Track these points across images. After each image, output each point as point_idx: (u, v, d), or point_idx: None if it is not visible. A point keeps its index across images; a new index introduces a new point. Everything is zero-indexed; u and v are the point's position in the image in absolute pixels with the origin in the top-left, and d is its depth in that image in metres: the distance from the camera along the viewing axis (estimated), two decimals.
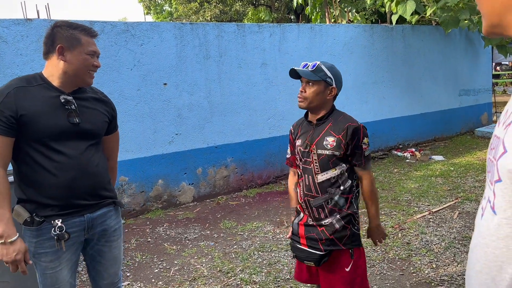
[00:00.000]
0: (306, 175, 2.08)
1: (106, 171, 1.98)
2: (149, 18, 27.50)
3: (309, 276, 2.21)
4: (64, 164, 1.80)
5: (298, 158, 2.13)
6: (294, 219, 2.20)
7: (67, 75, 1.82)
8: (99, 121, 1.94)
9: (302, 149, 2.10)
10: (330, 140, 2.02)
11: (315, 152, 2.04)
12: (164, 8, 27.99)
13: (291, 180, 2.29)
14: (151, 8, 26.87)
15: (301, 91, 2.06)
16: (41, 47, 4.58)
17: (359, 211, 2.16)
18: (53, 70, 1.83)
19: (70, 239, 1.84)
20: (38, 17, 4.74)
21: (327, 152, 2.01)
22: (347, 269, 2.05)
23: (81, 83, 1.88)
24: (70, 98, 1.84)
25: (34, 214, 1.79)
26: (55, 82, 1.83)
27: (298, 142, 2.13)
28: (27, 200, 1.82)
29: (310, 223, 2.10)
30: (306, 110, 2.15)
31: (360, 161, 2.04)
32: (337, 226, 2.03)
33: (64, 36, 1.80)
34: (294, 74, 2.06)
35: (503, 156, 0.83)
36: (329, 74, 2.05)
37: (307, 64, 2.06)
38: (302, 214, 2.16)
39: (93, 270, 2.04)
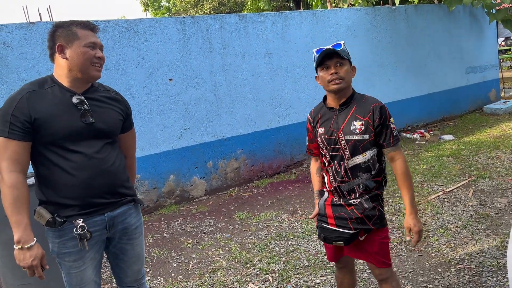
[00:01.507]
0: (335, 162, 2.03)
1: (123, 169, 1.98)
2: (147, 15, 27.40)
3: (340, 252, 2.17)
4: (80, 164, 1.80)
5: (323, 146, 2.07)
6: (319, 201, 2.15)
7: (73, 73, 1.81)
8: (113, 119, 1.94)
9: (327, 137, 2.03)
10: (357, 124, 1.96)
11: (343, 138, 1.98)
12: (162, 4, 27.87)
13: (313, 165, 2.25)
14: (149, 4, 26.77)
15: (336, 73, 1.95)
16: (46, 50, 4.58)
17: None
18: (60, 70, 1.83)
19: (92, 238, 1.85)
20: (41, 20, 4.74)
21: (356, 137, 1.95)
22: (374, 248, 2.03)
23: (88, 78, 1.85)
24: (82, 98, 1.83)
25: (55, 215, 1.80)
26: (65, 82, 1.83)
27: (321, 130, 2.07)
28: (48, 202, 1.83)
29: (337, 203, 2.06)
30: (324, 95, 2.11)
31: (389, 141, 1.97)
32: (366, 205, 1.99)
33: (62, 34, 1.80)
34: (321, 58, 1.97)
35: None
36: (349, 54, 2.03)
37: (322, 48, 1.98)
38: (326, 194, 2.12)
39: (116, 267, 2.06)
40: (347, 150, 1.98)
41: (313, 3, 9.25)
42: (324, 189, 2.15)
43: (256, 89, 5.82)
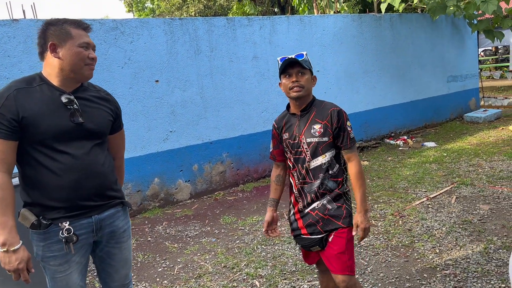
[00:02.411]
0: (299, 165, 2.14)
1: (112, 171, 1.93)
2: (131, 16, 27.13)
3: (316, 256, 2.29)
4: (68, 165, 1.75)
5: (288, 151, 2.19)
6: (289, 216, 2.25)
7: (64, 72, 1.76)
8: (103, 120, 1.89)
9: (291, 142, 2.15)
10: (317, 128, 2.08)
11: (305, 141, 2.10)
12: (146, 5, 27.65)
13: (274, 172, 2.34)
14: (133, 5, 26.54)
15: (296, 81, 2.07)
16: (29, 48, 4.46)
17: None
18: (50, 69, 1.77)
19: (79, 241, 1.80)
20: (25, 17, 4.62)
21: (316, 139, 2.08)
22: (341, 246, 2.10)
23: (80, 78, 1.81)
24: (71, 97, 1.78)
25: (40, 217, 1.75)
26: (55, 81, 1.78)
27: (285, 136, 2.19)
28: (33, 203, 1.77)
29: (305, 213, 2.15)
30: (287, 103, 2.23)
31: (346, 143, 2.09)
32: (329, 206, 2.10)
33: (55, 33, 1.75)
34: (284, 67, 2.09)
35: None
36: (311, 64, 2.17)
37: (285, 57, 2.09)
38: (292, 210, 2.23)
39: (103, 272, 2.00)
40: (308, 152, 2.09)
41: (300, 9, 9.31)
42: (293, 198, 2.24)
43: (243, 92, 5.81)
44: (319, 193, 2.11)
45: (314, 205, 2.12)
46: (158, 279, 3.36)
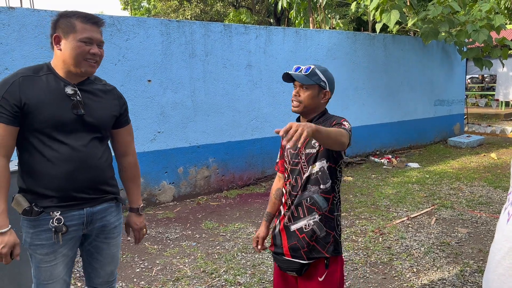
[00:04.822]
0: (293, 176, 2.03)
1: (109, 165, 1.94)
2: (126, 14, 27.05)
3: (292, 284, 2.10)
4: (65, 155, 1.77)
5: (287, 160, 2.07)
6: (274, 231, 2.09)
7: (66, 65, 1.78)
8: (105, 114, 1.89)
9: (292, 151, 2.06)
10: None
11: (303, 152, 1.99)
12: (142, 4, 27.61)
13: (275, 184, 2.23)
14: (129, 3, 26.46)
15: (295, 95, 2.00)
16: (23, 37, 4.43)
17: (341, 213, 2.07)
18: (56, 60, 1.81)
19: (68, 233, 1.81)
20: (21, 5, 4.58)
21: (314, 150, 1.96)
22: (320, 279, 1.96)
23: (80, 73, 1.81)
24: (75, 89, 1.81)
25: (33, 204, 1.76)
26: (60, 72, 1.80)
27: (289, 145, 2.05)
28: (27, 190, 1.79)
29: (291, 230, 2.00)
30: (298, 114, 2.10)
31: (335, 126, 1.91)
32: (318, 232, 1.95)
33: (62, 25, 1.76)
34: (287, 77, 2.01)
35: None
36: (322, 78, 2.01)
37: (300, 67, 2.01)
38: (278, 225, 2.08)
39: (89, 266, 2.00)
40: (305, 163, 1.98)
41: (296, 21, 9.42)
42: (280, 212, 2.10)
43: (234, 99, 5.83)
44: (305, 206, 1.96)
45: (302, 224, 1.96)
46: (135, 280, 3.33)
